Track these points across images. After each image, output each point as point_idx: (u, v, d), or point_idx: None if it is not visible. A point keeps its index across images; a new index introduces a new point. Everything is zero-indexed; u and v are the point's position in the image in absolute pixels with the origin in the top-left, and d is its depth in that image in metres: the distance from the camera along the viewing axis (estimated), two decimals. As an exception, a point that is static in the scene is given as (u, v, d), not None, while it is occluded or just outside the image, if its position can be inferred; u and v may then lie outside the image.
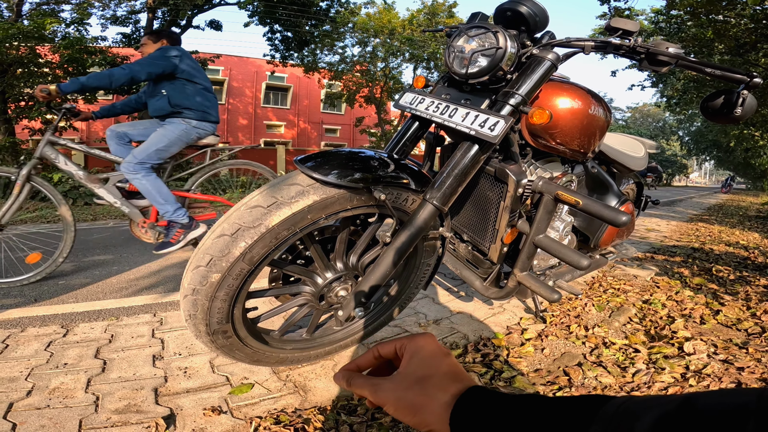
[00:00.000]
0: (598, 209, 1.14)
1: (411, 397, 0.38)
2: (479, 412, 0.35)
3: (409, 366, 0.41)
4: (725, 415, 0.22)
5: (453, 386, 0.38)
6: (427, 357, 0.41)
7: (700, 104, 1.24)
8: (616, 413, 0.26)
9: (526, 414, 0.32)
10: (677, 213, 7.77)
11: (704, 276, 2.74)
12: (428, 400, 0.37)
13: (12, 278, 2.45)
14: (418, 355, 0.42)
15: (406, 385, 0.39)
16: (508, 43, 1.14)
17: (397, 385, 0.40)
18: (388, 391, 0.40)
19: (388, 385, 0.41)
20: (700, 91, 11.45)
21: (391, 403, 0.39)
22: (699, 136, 27.34)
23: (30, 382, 1.31)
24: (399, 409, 0.39)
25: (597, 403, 0.29)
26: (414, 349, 0.43)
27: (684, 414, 0.23)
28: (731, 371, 1.46)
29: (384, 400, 0.40)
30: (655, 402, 0.26)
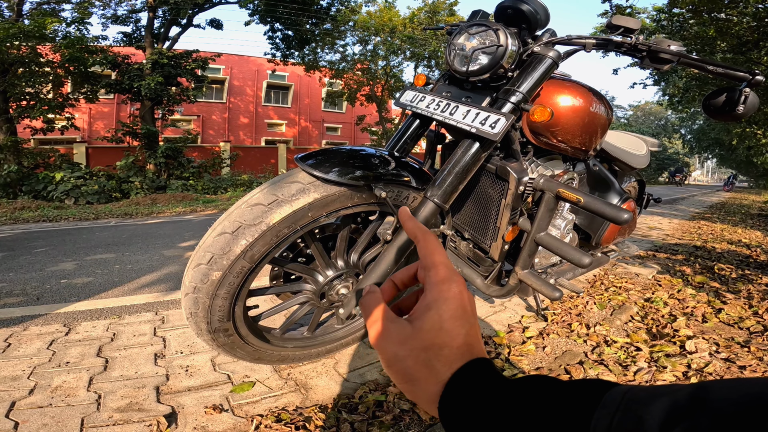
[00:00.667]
0: (600, 207, 1.14)
1: (410, 365, 0.33)
2: (470, 394, 0.31)
3: (425, 320, 0.33)
4: (740, 405, 0.21)
5: (460, 362, 0.33)
6: (448, 317, 0.33)
7: (702, 102, 1.23)
8: (623, 399, 0.25)
9: (521, 395, 0.29)
10: (679, 211, 7.75)
11: (706, 274, 2.73)
12: (427, 373, 0.32)
13: None
14: (439, 307, 0.34)
15: (410, 346, 0.33)
16: (509, 41, 1.14)
17: (405, 339, 0.33)
18: (392, 343, 0.34)
19: (396, 332, 0.34)
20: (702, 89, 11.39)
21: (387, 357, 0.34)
22: (701, 134, 27.24)
23: (32, 381, 1.31)
24: (392, 367, 0.34)
25: (599, 389, 0.27)
26: (437, 295, 0.34)
27: (696, 403, 0.22)
28: (733, 370, 1.46)
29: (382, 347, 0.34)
30: (664, 390, 0.24)
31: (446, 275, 0.35)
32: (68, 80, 10.90)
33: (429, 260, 0.36)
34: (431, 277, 0.35)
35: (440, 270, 0.35)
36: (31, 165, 9.95)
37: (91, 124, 19.01)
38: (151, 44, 11.54)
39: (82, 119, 16.77)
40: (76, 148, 12.80)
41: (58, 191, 8.80)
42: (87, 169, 10.58)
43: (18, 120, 10.08)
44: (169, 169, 11.28)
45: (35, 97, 10.13)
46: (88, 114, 18.54)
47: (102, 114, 19.18)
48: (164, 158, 11.02)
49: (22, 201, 7.81)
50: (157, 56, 10.90)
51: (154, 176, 10.75)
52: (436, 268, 0.35)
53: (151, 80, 10.45)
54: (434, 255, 0.36)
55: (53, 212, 6.73)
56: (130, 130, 11.41)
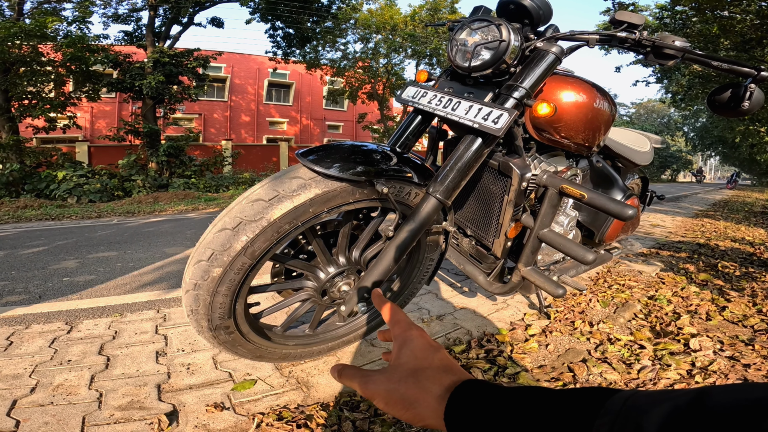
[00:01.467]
0: (604, 203, 1.13)
1: (403, 390, 0.36)
2: (475, 404, 0.33)
3: (399, 357, 0.40)
4: (740, 411, 0.21)
5: (447, 378, 0.37)
6: (417, 349, 0.40)
7: (707, 98, 1.22)
8: (623, 408, 0.25)
9: (524, 407, 0.30)
10: (682, 209, 7.71)
11: (710, 272, 2.71)
12: (422, 393, 0.36)
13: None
14: (408, 346, 0.41)
15: (398, 377, 0.38)
16: (512, 36, 1.13)
17: (389, 377, 0.38)
18: (379, 384, 0.38)
19: (378, 377, 0.39)
20: (706, 87, 11.34)
21: (382, 397, 0.38)
22: (704, 131, 27.14)
23: (34, 379, 1.31)
24: (390, 402, 0.37)
25: (601, 397, 0.27)
26: (404, 341, 0.41)
27: (696, 410, 0.22)
28: (737, 368, 1.44)
29: (374, 392, 0.38)
30: (664, 397, 0.24)
31: (407, 324, 0.44)
32: (70, 79, 10.91)
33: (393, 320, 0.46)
34: (396, 330, 0.44)
35: (402, 323, 0.45)
36: (34, 164, 9.98)
37: (93, 122, 19.04)
38: (153, 43, 11.54)
39: (84, 118, 16.80)
40: (79, 147, 12.82)
41: (60, 190, 8.82)
42: (89, 167, 10.60)
43: (20, 119, 10.10)
44: (171, 167, 11.30)
45: (37, 96, 10.14)
46: (90, 113, 18.57)
47: (104, 113, 19.21)
48: (166, 157, 11.03)
49: (25, 200, 7.83)
50: (159, 55, 10.90)
51: (156, 175, 10.76)
52: (399, 323, 0.45)
53: (153, 79, 10.46)
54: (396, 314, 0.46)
55: (56, 211, 6.75)
56: (132, 128, 11.43)
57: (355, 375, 0.42)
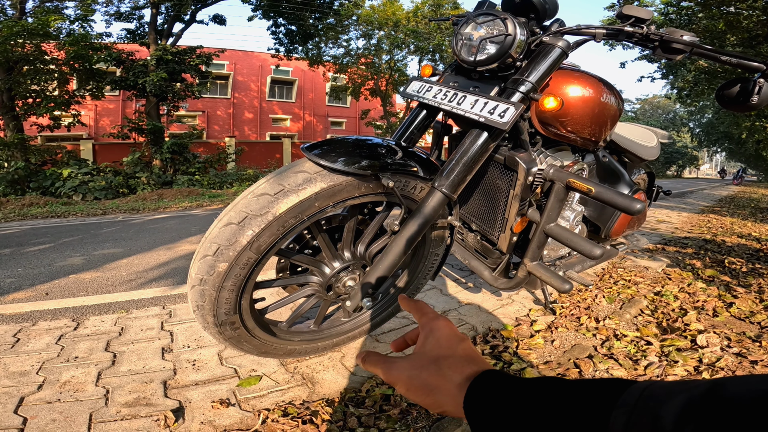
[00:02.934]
0: (612, 197, 1.12)
1: (425, 377, 0.37)
2: (494, 394, 0.33)
3: (424, 345, 0.41)
4: (756, 401, 0.21)
5: (468, 368, 0.37)
6: (443, 338, 0.41)
7: (716, 92, 1.21)
8: (640, 398, 0.25)
9: (542, 397, 0.31)
10: (688, 204, 7.66)
11: (717, 268, 2.69)
12: (442, 380, 0.37)
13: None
14: (434, 335, 0.41)
15: (420, 364, 0.39)
16: (518, 30, 1.12)
17: (412, 363, 0.39)
18: (402, 370, 0.39)
19: (401, 363, 0.40)
20: (712, 83, 11.25)
21: (404, 382, 0.39)
22: (710, 127, 26.92)
23: (41, 376, 1.31)
24: (411, 388, 0.38)
25: (618, 387, 0.27)
26: (430, 330, 0.42)
27: (712, 400, 0.22)
28: (744, 365, 1.43)
29: (396, 378, 0.39)
30: (680, 387, 0.25)
31: (435, 315, 0.45)
32: (73, 77, 10.94)
33: (421, 312, 0.46)
34: (423, 320, 0.45)
35: (429, 314, 0.45)
36: (39, 162, 10.04)
37: (97, 120, 19.10)
38: (155, 40, 11.55)
39: (88, 116, 16.85)
40: (83, 145, 12.88)
41: (65, 187, 8.87)
42: (94, 165, 10.66)
43: (24, 117, 10.16)
44: (175, 164, 11.33)
45: (41, 95, 10.19)
46: (94, 111, 18.63)
47: (108, 110, 19.26)
48: (170, 154, 11.07)
49: (30, 197, 7.88)
50: (161, 52, 10.91)
51: (160, 172, 10.80)
52: (427, 314, 0.45)
53: (156, 76, 10.47)
54: (424, 308, 0.47)
55: (61, 208, 6.79)
56: (136, 126, 11.47)
57: (378, 361, 0.43)
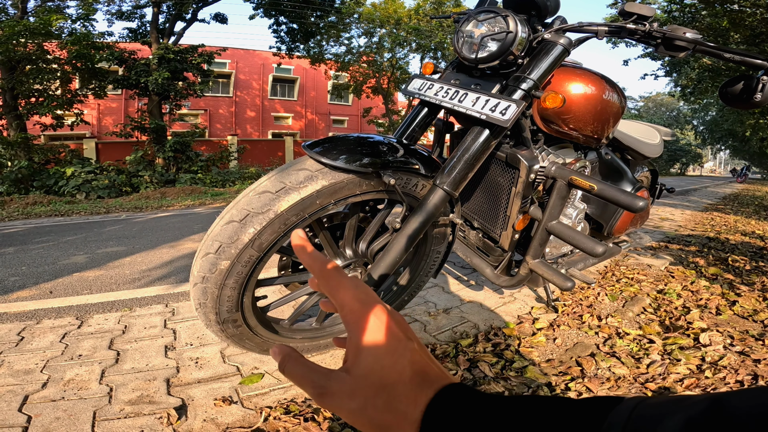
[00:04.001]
0: (614, 194, 1.11)
1: (372, 415, 0.29)
2: (457, 420, 0.28)
3: (360, 364, 0.31)
4: (763, 417, 0.20)
5: (423, 396, 0.30)
6: (384, 354, 0.30)
7: (719, 89, 1.21)
8: (630, 419, 0.23)
9: (515, 419, 0.27)
10: (692, 202, 7.62)
11: (720, 266, 2.68)
12: (395, 419, 0.29)
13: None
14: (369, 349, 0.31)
15: (363, 395, 0.30)
16: (519, 28, 1.12)
17: (352, 392, 0.30)
18: (341, 399, 0.30)
19: (338, 389, 0.30)
20: (715, 80, 11.20)
21: (345, 416, 0.30)
22: (714, 125, 26.78)
23: (45, 374, 1.32)
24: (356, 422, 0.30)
25: (604, 407, 0.25)
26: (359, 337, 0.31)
27: (714, 418, 0.21)
28: (747, 363, 1.43)
29: (336, 409, 0.30)
30: (675, 406, 0.23)
31: (360, 309, 0.32)
32: (76, 76, 10.98)
33: (337, 299, 0.33)
34: (347, 317, 0.32)
35: (353, 306, 0.32)
36: (42, 161, 10.08)
37: (100, 119, 19.16)
38: (157, 39, 11.57)
39: (91, 115, 16.91)
40: (86, 144, 12.92)
41: (69, 186, 8.91)
42: (97, 163, 10.70)
43: (27, 116, 10.19)
44: (178, 163, 11.36)
45: (44, 94, 10.22)
46: (97, 110, 18.69)
47: (110, 109, 19.32)
48: (173, 152, 11.10)
49: (34, 196, 7.92)
50: (163, 51, 10.93)
51: (163, 170, 10.83)
52: (348, 305, 0.32)
53: (158, 75, 10.49)
54: (339, 290, 0.33)
55: (65, 207, 6.82)
56: (139, 124, 11.50)
57: (305, 377, 0.31)
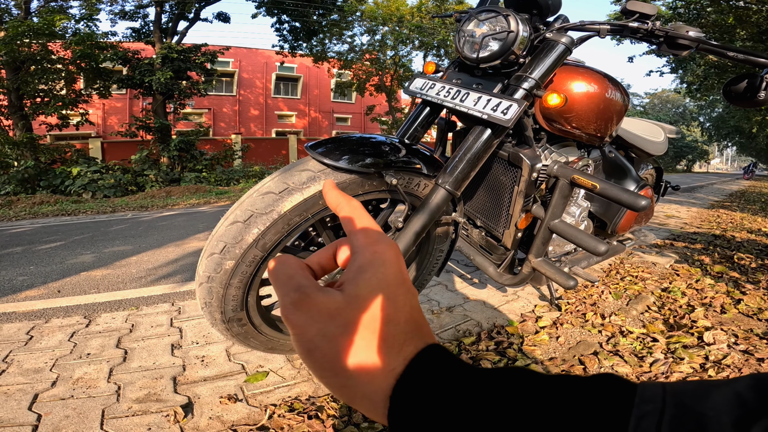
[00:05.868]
0: (616, 193, 1.11)
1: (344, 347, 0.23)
2: (438, 391, 0.22)
3: (359, 283, 0.25)
4: None
5: (412, 345, 0.24)
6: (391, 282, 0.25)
7: (723, 88, 1.21)
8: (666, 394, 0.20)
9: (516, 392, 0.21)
10: (698, 199, 7.57)
11: (725, 264, 2.67)
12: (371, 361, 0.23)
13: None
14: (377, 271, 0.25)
15: (347, 319, 0.24)
16: (520, 27, 1.12)
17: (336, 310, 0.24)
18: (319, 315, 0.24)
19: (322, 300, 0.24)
20: (722, 77, 11.11)
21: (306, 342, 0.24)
22: (720, 122, 26.55)
23: (54, 373, 1.34)
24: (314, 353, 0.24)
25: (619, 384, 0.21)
26: (371, 260, 0.26)
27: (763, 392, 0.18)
28: (751, 362, 1.42)
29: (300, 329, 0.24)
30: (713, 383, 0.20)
31: (379, 237, 0.27)
32: (80, 76, 11.04)
33: (357, 225, 0.28)
34: (360, 240, 0.27)
35: (371, 232, 0.28)
36: (48, 160, 10.16)
37: (105, 119, 19.28)
38: (160, 39, 11.61)
39: (96, 115, 17.01)
40: (92, 143, 13.01)
41: (75, 185, 8.99)
42: (103, 163, 10.78)
43: (33, 117, 10.28)
44: (183, 161, 11.43)
45: (49, 94, 10.30)
46: (102, 109, 18.80)
47: (115, 109, 19.43)
48: (177, 151, 11.16)
49: (41, 195, 7.99)
50: (167, 51, 10.97)
51: (167, 169, 10.90)
52: (366, 230, 0.28)
53: (162, 75, 10.54)
54: (362, 219, 0.29)
55: (71, 206, 6.88)
56: (143, 124, 11.57)
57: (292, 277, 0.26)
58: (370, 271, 0.25)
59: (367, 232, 0.28)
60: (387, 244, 0.27)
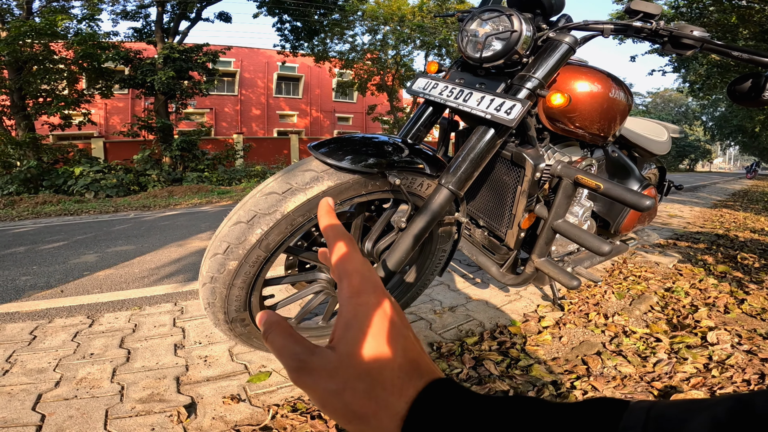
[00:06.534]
0: (620, 193, 1.11)
1: (349, 400, 0.26)
2: (444, 421, 0.25)
3: (348, 341, 0.27)
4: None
5: (412, 386, 0.26)
6: (376, 333, 0.27)
7: (727, 87, 1.20)
8: (649, 420, 0.21)
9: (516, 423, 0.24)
10: (700, 199, 7.55)
11: (729, 264, 2.66)
12: (374, 407, 0.26)
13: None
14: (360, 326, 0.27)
15: (344, 375, 0.26)
16: (524, 27, 1.12)
17: (333, 370, 0.27)
18: (319, 377, 0.27)
19: (319, 365, 0.27)
20: (724, 76, 11.08)
21: (317, 397, 0.27)
22: (723, 121, 26.48)
23: (58, 373, 1.34)
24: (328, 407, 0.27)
25: (610, 409, 0.23)
26: (354, 314, 0.28)
27: (741, 417, 0.20)
28: (755, 362, 1.42)
29: (311, 389, 0.27)
30: (695, 406, 0.21)
31: (360, 285, 0.29)
32: (82, 76, 11.08)
33: (341, 268, 0.30)
34: (344, 290, 0.29)
35: (353, 279, 0.29)
36: (51, 160, 10.20)
37: (107, 119, 19.33)
38: (162, 39, 11.63)
39: (98, 114, 17.07)
40: (94, 143, 13.05)
41: (78, 185, 9.01)
42: (105, 163, 10.81)
43: (35, 117, 10.31)
44: (185, 161, 11.45)
45: (51, 94, 10.34)
46: (104, 109, 18.86)
47: (117, 109, 19.49)
48: (179, 151, 11.19)
49: (44, 195, 8.02)
50: (168, 51, 10.99)
51: (170, 169, 10.93)
52: (349, 277, 0.29)
53: (164, 74, 10.56)
54: (347, 262, 0.30)
55: (74, 206, 6.90)
56: (146, 124, 11.59)
57: (287, 347, 0.28)
58: (354, 327, 0.28)
59: (351, 281, 0.29)
60: (369, 294, 0.29)
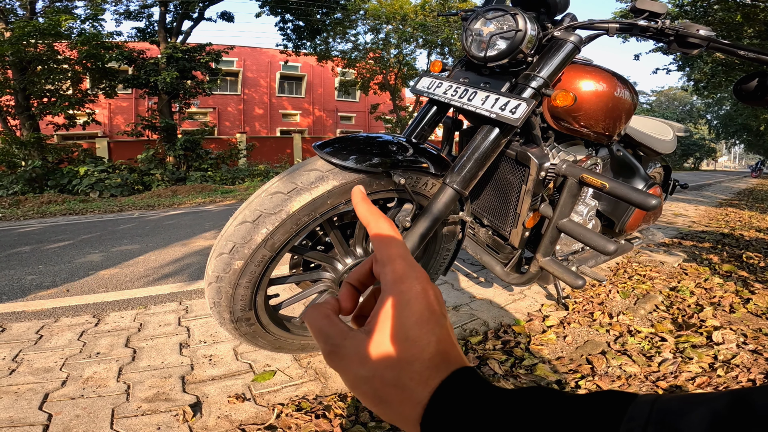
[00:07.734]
0: (626, 192, 1.10)
1: (377, 386, 0.27)
2: (462, 413, 0.26)
3: (384, 329, 0.28)
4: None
5: (437, 376, 0.27)
6: (413, 325, 0.28)
7: (734, 87, 1.19)
8: (653, 411, 0.22)
9: (527, 413, 0.25)
10: (705, 198, 7.50)
11: (734, 263, 2.64)
12: (400, 394, 0.27)
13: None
14: (400, 315, 0.28)
15: (376, 363, 0.27)
16: (528, 26, 1.11)
17: (365, 357, 0.28)
18: (351, 362, 0.28)
19: (352, 350, 0.28)
20: (729, 75, 11.01)
21: (348, 381, 0.28)
22: (728, 119, 26.32)
23: (64, 372, 1.35)
24: (357, 389, 0.28)
25: (618, 401, 0.24)
26: (395, 301, 0.28)
27: (740, 412, 0.20)
28: (760, 362, 1.41)
29: (342, 371, 0.28)
30: (696, 400, 0.22)
31: (404, 271, 0.29)
32: (86, 76, 11.13)
33: (384, 253, 0.30)
34: (387, 275, 0.29)
35: (397, 265, 0.29)
36: (56, 160, 10.26)
37: (111, 118, 19.41)
38: (165, 39, 11.66)
39: (102, 114, 17.15)
40: (98, 143, 13.11)
41: (82, 185, 9.06)
42: (109, 162, 10.87)
43: (40, 117, 10.36)
44: (188, 161, 11.49)
45: (55, 94, 10.38)
46: (108, 109, 18.93)
47: (121, 109, 19.56)
48: (183, 150, 11.22)
49: (48, 195, 8.07)
50: (172, 50, 11.02)
51: (173, 168, 10.97)
52: (393, 263, 0.29)
53: (167, 74, 10.59)
54: (390, 247, 0.30)
55: (79, 205, 6.94)
56: (149, 123, 11.64)
57: (324, 330, 0.29)
58: (393, 315, 0.28)
59: (394, 266, 0.29)
60: (413, 280, 0.29)
